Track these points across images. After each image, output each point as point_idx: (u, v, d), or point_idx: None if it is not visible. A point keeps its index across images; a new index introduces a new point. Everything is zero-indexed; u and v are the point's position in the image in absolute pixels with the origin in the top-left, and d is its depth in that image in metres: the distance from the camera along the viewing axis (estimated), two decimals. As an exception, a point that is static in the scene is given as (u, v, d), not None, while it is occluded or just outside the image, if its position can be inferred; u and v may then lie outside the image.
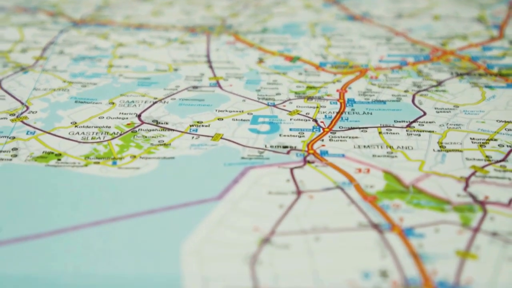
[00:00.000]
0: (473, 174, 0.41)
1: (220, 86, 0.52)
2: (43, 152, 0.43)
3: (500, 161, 0.43)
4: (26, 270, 0.34)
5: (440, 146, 0.44)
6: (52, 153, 0.43)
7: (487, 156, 0.43)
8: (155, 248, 0.36)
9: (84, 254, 0.35)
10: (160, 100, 0.50)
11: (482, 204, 0.39)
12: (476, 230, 0.37)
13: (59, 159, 0.43)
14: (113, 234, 0.37)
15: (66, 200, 0.39)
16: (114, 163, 0.42)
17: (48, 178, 0.41)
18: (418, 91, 0.51)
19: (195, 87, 0.52)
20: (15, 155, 0.43)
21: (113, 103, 0.49)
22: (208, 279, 0.34)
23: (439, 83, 0.53)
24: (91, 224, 0.37)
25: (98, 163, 0.42)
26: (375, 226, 0.37)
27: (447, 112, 0.48)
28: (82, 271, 0.34)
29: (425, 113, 0.48)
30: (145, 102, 0.50)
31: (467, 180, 0.41)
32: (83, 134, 0.46)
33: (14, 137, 0.45)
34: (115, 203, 0.39)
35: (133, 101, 0.50)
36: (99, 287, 0.33)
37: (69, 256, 0.35)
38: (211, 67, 0.55)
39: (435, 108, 0.49)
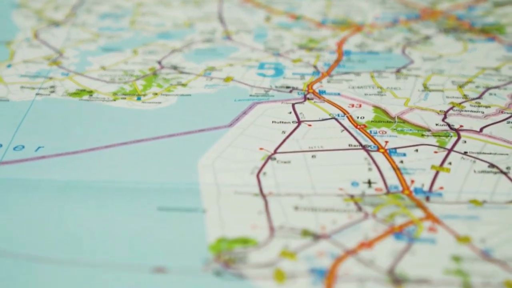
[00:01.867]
0: (451, 108, 0.47)
1: (230, 39, 0.58)
2: (76, 89, 0.50)
3: (476, 98, 0.49)
4: (67, 177, 0.40)
5: (424, 87, 0.50)
6: (85, 90, 0.50)
7: (464, 95, 0.49)
8: (175, 162, 0.42)
9: (114, 165, 0.42)
10: (178, 50, 0.56)
11: (457, 131, 0.45)
12: (450, 150, 0.43)
13: (91, 95, 0.49)
14: (139, 151, 0.43)
15: (98, 126, 0.45)
16: (139, 98, 0.49)
17: (82, 110, 0.47)
18: (408, 44, 0.57)
19: (208, 40, 0.58)
20: (53, 91, 0.49)
21: (136, 52, 0.56)
22: (220, 185, 0.40)
23: (427, 38, 0.59)
24: (120, 144, 0.44)
25: (124, 98, 0.49)
26: (364, 147, 0.43)
27: (433, 60, 0.54)
28: (113, 177, 0.40)
29: (412, 62, 0.54)
30: (164, 51, 0.56)
31: (445, 113, 0.47)
32: (111, 76, 0.52)
33: (51, 77, 0.51)
34: (140, 129, 0.45)
35: (153, 51, 0.56)
36: (127, 190, 0.40)
37: (102, 167, 0.41)
38: (222, 23, 0.62)
39: (422, 58, 0.55)
